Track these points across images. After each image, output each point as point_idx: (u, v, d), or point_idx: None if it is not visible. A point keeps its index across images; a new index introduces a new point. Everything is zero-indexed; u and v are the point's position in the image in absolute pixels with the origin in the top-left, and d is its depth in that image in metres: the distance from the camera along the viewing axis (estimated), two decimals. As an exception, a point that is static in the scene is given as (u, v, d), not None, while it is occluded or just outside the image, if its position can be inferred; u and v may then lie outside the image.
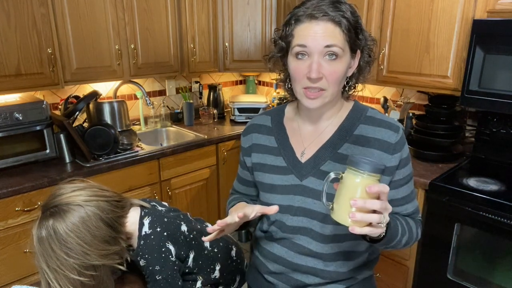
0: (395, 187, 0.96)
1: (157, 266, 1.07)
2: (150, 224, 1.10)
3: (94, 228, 0.97)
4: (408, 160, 0.98)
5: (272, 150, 1.03)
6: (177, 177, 2.52)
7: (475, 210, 1.73)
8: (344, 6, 0.86)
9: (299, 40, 0.87)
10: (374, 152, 0.93)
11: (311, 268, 0.98)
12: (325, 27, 0.84)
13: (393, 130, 0.94)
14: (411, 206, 1.00)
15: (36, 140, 2.06)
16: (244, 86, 3.66)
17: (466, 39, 1.92)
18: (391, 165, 0.93)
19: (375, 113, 0.99)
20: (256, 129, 1.09)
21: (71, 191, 1.00)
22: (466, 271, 1.85)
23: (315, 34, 0.85)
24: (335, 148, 0.96)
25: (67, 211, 0.96)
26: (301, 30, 0.87)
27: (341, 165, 0.94)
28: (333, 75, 0.87)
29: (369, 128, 0.95)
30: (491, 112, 2.08)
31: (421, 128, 2.25)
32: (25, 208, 1.87)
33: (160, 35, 2.56)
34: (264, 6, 2.86)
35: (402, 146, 0.94)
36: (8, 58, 1.93)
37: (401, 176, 0.96)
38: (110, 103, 2.31)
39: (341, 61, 0.87)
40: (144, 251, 1.07)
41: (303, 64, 0.87)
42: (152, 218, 1.11)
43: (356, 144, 0.95)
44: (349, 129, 0.97)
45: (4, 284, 1.88)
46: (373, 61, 0.98)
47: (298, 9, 0.88)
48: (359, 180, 0.72)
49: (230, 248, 1.33)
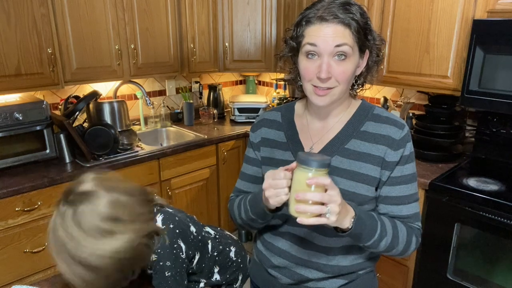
0: (391, 183, 0.97)
1: (168, 262, 1.07)
2: (163, 221, 1.11)
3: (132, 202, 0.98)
4: (410, 159, 0.98)
5: (281, 145, 1.05)
6: (177, 177, 2.52)
7: (475, 210, 1.73)
8: (354, 8, 0.88)
9: (310, 39, 0.89)
10: (379, 147, 0.95)
11: (314, 262, 1.00)
12: (335, 29, 0.87)
13: (398, 127, 0.96)
14: (407, 209, 0.98)
15: (36, 140, 2.06)
16: (244, 86, 3.66)
17: (466, 39, 1.92)
18: (391, 160, 0.95)
19: (381, 111, 1.02)
20: (266, 123, 1.11)
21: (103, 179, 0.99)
22: (466, 271, 1.85)
23: (325, 35, 0.87)
24: (342, 143, 0.98)
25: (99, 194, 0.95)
26: (312, 31, 0.89)
27: (348, 160, 0.96)
28: (342, 75, 0.90)
29: (375, 125, 0.98)
30: (491, 112, 2.08)
31: (421, 128, 2.25)
32: (25, 208, 1.87)
33: (160, 35, 2.56)
34: (264, 6, 2.86)
35: (405, 143, 0.96)
36: (8, 58, 1.93)
37: (399, 174, 0.96)
38: (110, 103, 2.31)
39: (350, 61, 0.90)
40: (156, 246, 1.08)
41: (313, 64, 0.90)
42: (165, 215, 1.12)
43: (362, 139, 0.97)
44: (356, 125, 0.99)
45: (4, 284, 1.88)
46: (381, 61, 1.01)
47: (309, 10, 0.90)
48: (304, 175, 0.78)
49: (229, 250, 1.33)
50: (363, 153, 0.96)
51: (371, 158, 0.96)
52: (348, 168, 0.96)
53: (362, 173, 0.95)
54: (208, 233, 1.32)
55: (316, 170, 0.77)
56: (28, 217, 1.90)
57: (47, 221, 1.98)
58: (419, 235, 1.00)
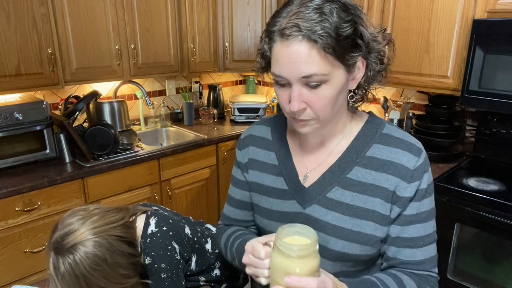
0: (403, 223, 0.79)
1: (162, 264, 1.08)
2: (157, 223, 1.11)
3: (115, 254, 0.99)
4: (428, 193, 0.80)
5: (271, 169, 0.89)
6: (177, 177, 2.52)
7: (475, 210, 1.73)
8: (330, 7, 0.66)
9: (274, 67, 0.72)
10: (389, 178, 0.78)
11: None
12: (298, 50, 0.66)
13: (413, 153, 0.78)
14: (422, 253, 0.80)
15: (36, 140, 2.06)
16: (244, 86, 3.66)
17: (466, 39, 1.92)
18: (404, 196, 0.77)
19: (393, 130, 0.82)
20: (254, 141, 0.94)
21: (80, 226, 0.99)
22: (466, 271, 1.85)
23: (288, 60, 0.68)
24: (343, 172, 0.81)
25: (82, 248, 0.96)
26: (276, 52, 0.70)
27: (350, 192, 0.80)
28: (319, 104, 0.71)
29: (385, 148, 0.80)
30: (491, 112, 2.08)
31: (421, 128, 2.25)
32: (25, 208, 1.87)
33: (160, 35, 2.56)
34: (264, 6, 2.86)
35: (421, 174, 0.78)
36: (8, 58, 1.92)
37: (414, 211, 0.79)
38: (110, 103, 2.31)
39: (328, 86, 0.70)
40: (150, 248, 1.08)
41: (285, 91, 0.73)
42: (158, 218, 1.12)
43: (368, 168, 0.80)
44: (361, 149, 0.81)
45: (4, 284, 1.88)
46: (386, 68, 0.80)
47: (273, 19, 0.71)
48: (283, 262, 0.63)
49: None
50: (369, 185, 0.79)
51: (379, 191, 0.78)
52: (351, 203, 0.79)
53: (368, 209, 0.78)
54: (209, 229, 1.32)
55: (300, 258, 0.61)
56: (28, 217, 1.90)
57: (47, 221, 1.99)
58: (435, 286, 0.82)
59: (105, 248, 0.96)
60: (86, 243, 0.95)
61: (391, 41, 0.79)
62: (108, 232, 0.99)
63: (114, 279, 0.98)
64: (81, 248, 0.94)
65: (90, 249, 0.94)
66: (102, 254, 0.95)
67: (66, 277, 0.93)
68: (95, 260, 0.94)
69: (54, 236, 0.96)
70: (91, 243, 0.95)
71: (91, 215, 1.00)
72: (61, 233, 0.96)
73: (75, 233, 0.95)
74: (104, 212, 1.04)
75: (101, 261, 0.95)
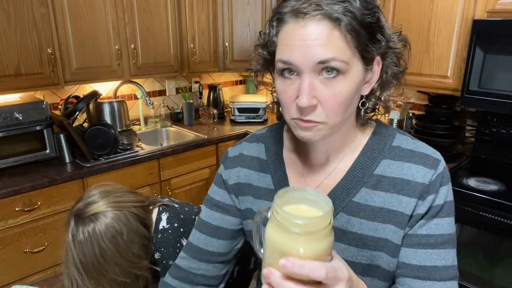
0: (410, 244, 0.66)
1: (170, 261, 1.09)
2: (168, 219, 1.13)
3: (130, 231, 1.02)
4: (446, 213, 0.66)
5: (267, 194, 0.76)
6: (177, 177, 2.52)
7: (475, 210, 1.73)
8: None
9: (282, 52, 0.60)
10: (403, 200, 0.66)
11: None
12: (317, 30, 0.56)
13: (428, 166, 0.66)
14: (439, 286, 0.64)
15: (36, 140, 2.06)
16: (244, 86, 3.66)
17: (466, 39, 1.92)
18: (417, 213, 0.65)
19: (404, 142, 0.70)
20: (245, 162, 0.80)
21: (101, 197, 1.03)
22: (466, 271, 1.84)
23: (302, 43, 0.57)
24: (348, 195, 0.69)
25: (103, 217, 1.00)
26: (285, 36, 0.60)
27: (357, 219, 0.68)
28: (332, 101, 0.59)
29: (396, 164, 0.68)
30: (491, 112, 2.08)
31: (421, 128, 2.25)
32: (25, 208, 1.87)
33: (160, 35, 2.56)
34: (264, 6, 2.86)
35: (437, 188, 0.66)
36: (8, 58, 1.92)
37: (426, 232, 0.65)
38: (110, 103, 2.31)
39: (346, 79, 0.59)
40: (160, 244, 1.10)
41: (291, 85, 0.61)
42: (170, 214, 1.14)
43: (377, 189, 0.67)
44: (368, 166, 0.69)
45: (4, 284, 1.88)
46: (403, 72, 0.69)
47: (284, 2, 0.60)
48: (281, 239, 0.47)
49: None
50: (379, 209, 0.67)
51: (391, 216, 0.66)
52: (359, 231, 0.68)
53: (379, 238, 0.67)
54: None
55: (306, 236, 0.45)
56: (28, 217, 1.90)
57: (47, 221, 1.99)
58: None
59: (123, 222, 1.00)
60: (106, 213, 0.99)
61: (408, 43, 0.68)
62: (128, 209, 1.03)
63: (126, 255, 1.01)
64: (102, 218, 0.98)
65: (109, 220, 0.98)
66: (120, 228, 0.99)
67: (83, 245, 0.96)
68: (113, 232, 0.98)
69: (77, 205, 1.01)
70: (110, 215, 0.99)
71: (114, 191, 1.06)
72: (84, 202, 1.01)
73: (97, 203, 1.00)
74: (126, 191, 1.09)
75: (118, 234, 0.99)
